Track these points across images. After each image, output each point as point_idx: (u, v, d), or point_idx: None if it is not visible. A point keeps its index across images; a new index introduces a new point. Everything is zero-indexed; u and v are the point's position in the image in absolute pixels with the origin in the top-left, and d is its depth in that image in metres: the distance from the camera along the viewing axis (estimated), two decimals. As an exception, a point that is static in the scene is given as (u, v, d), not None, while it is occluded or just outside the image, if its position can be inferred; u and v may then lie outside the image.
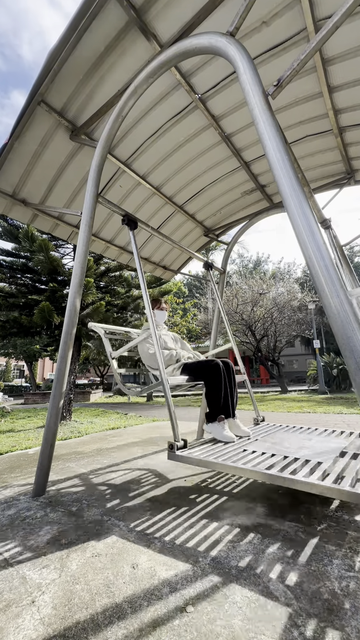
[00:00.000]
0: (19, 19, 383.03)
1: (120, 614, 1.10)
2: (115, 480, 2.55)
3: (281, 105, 2.74)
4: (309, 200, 1.37)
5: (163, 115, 2.73)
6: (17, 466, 3.11)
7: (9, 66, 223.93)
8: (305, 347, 27.01)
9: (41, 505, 2.09)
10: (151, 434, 4.73)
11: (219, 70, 2.40)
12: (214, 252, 28.69)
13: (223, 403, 2.51)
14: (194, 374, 2.58)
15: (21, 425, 6.42)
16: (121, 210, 2.65)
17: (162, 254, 4.59)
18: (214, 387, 2.51)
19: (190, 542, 1.54)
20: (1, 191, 2.93)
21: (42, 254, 6.29)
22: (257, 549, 1.45)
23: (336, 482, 1.48)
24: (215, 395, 2.50)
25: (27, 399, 15.12)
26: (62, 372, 2.33)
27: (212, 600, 1.15)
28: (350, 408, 7.19)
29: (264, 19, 2.04)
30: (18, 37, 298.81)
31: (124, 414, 7.98)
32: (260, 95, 1.48)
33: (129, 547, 1.52)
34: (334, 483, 1.45)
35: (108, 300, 7.89)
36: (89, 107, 2.51)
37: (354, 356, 1.19)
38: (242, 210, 4.14)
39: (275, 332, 15.77)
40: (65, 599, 1.19)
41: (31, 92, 2.25)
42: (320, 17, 2.02)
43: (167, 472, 2.70)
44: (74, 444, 4.17)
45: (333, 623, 1.02)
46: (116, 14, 1.93)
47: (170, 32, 2.09)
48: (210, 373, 2.52)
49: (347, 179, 3.48)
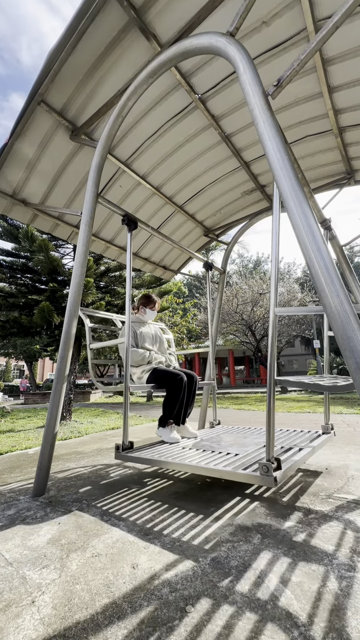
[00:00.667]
0: (18, 25, 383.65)
1: (120, 614, 1.10)
2: (115, 480, 2.55)
3: (281, 105, 2.74)
4: (309, 200, 1.37)
5: (163, 115, 2.73)
6: (17, 466, 3.11)
7: (9, 70, 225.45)
8: (305, 347, 27.02)
9: (41, 505, 2.09)
10: (151, 434, 4.73)
11: (219, 70, 2.40)
12: (214, 252, 28.71)
13: (176, 413, 2.74)
14: (160, 381, 2.73)
15: (21, 425, 6.42)
16: (121, 210, 2.66)
17: (162, 254, 4.59)
18: (172, 398, 2.71)
19: (190, 542, 1.54)
20: (1, 191, 2.93)
21: (42, 254, 6.29)
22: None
23: (240, 468, 1.77)
24: (172, 405, 2.72)
25: (27, 399, 15.13)
26: (62, 372, 2.33)
27: (211, 600, 1.15)
28: (350, 408, 7.19)
29: (264, 19, 2.04)
30: (17, 42, 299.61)
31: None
32: (260, 95, 1.49)
33: (129, 547, 1.52)
34: (238, 469, 1.75)
35: (108, 300, 7.89)
36: (89, 107, 2.51)
37: (354, 356, 1.19)
38: (242, 210, 4.15)
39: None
40: (65, 599, 1.19)
41: (31, 92, 2.25)
42: (320, 17, 2.02)
43: (168, 472, 2.70)
44: (74, 444, 4.17)
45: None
46: (116, 14, 1.93)
47: (170, 32, 2.09)
48: (173, 385, 2.69)
49: (347, 179, 3.48)
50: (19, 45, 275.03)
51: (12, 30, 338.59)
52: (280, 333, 16.29)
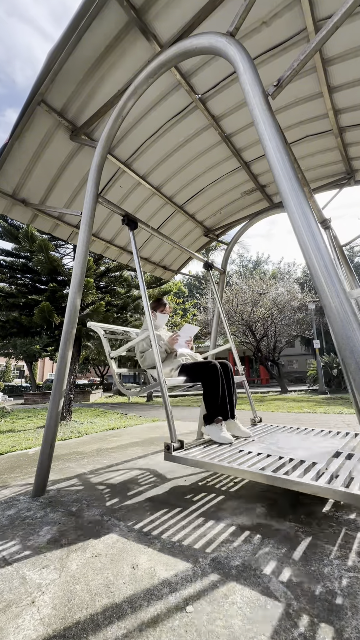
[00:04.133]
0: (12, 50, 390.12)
1: (120, 614, 1.10)
2: (115, 480, 2.55)
3: (281, 106, 2.74)
4: (309, 200, 1.37)
5: (163, 116, 2.73)
6: (17, 466, 3.11)
7: (4, 90, 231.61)
8: (305, 347, 27.00)
9: (41, 505, 2.09)
10: (151, 434, 4.73)
11: (219, 70, 2.40)
12: (214, 252, 28.69)
13: (221, 404, 2.49)
14: (192, 375, 2.56)
15: (21, 425, 6.41)
16: (121, 210, 2.65)
17: (162, 254, 4.59)
18: (211, 388, 2.49)
19: (190, 542, 1.53)
20: (1, 191, 2.93)
21: (42, 254, 6.29)
22: (255, 549, 1.45)
23: (330, 482, 1.48)
24: (213, 397, 2.48)
25: (27, 399, 15.12)
26: (62, 372, 2.33)
27: (211, 600, 1.14)
28: (350, 408, 7.19)
29: (264, 19, 2.04)
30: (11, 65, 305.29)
31: (124, 414, 7.98)
32: (260, 96, 1.48)
33: (129, 547, 1.52)
34: (327, 483, 1.45)
35: (108, 300, 7.89)
36: (89, 107, 2.51)
37: (354, 356, 1.19)
38: (242, 210, 4.14)
39: (275, 332, 15.76)
40: (65, 599, 1.19)
41: (31, 92, 2.25)
42: (320, 17, 2.02)
43: (166, 472, 2.70)
44: (74, 444, 4.16)
45: (333, 623, 1.02)
46: (116, 14, 1.93)
47: (170, 32, 2.09)
48: (208, 374, 2.50)
49: (347, 179, 3.48)
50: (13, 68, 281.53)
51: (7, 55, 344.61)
52: (280, 333, 16.27)
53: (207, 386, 2.51)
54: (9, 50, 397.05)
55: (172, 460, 2.05)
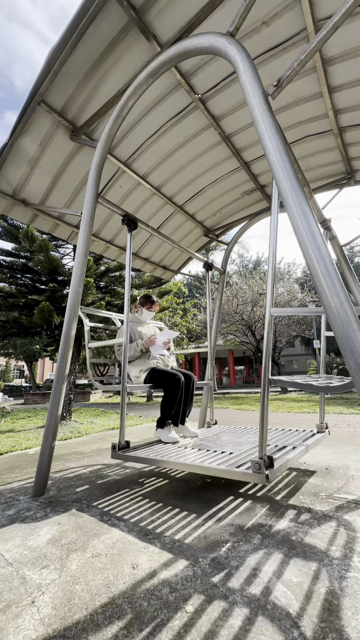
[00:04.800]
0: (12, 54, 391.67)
1: (120, 615, 1.10)
2: (115, 480, 2.55)
3: (281, 106, 2.74)
4: (309, 201, 1.37)
5: (163, 116, 2.73)
6: (17, 466, 3.11)
7: (4, 93, 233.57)
8: (305, 347, 27.02)
9: (41, 505, 2.09)
10: (150, 434, 4.72)
11: (219, 70, 2.40)
12: (214, 253, 28.70)
13: (174, 414, 2.73)
14: (157, 381, 2.72)
15: (21, 425, 6.41)
16: (121, 210, 2.66)
17: (162, 254, 4.59)
18: (170, 398, 2.68)
19: (190, 542, 1.53)
20: (1, 191, 2.93)
21: (42, 254, 6.29)
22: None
23: (234, 466, 1.78)
24: (169, 406, 2.69)
25: (27, 399, 15.11)
26: (62, 372, 2.33)
27: (211, 600, 1.15)
28: (350, 408, 7.19)
29: (264, 19, 2.04)
30: (11, 69, 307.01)
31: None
32: (260, 96, 1.49)
33: (129, 547, 1.52)
34: (232, 467, 1.77)
35: (108, 300, 7.88)
36: (89, 107, 2.51)
37: (354, 356, 1.19)
38: (242, 210, 4.14)
39: (275, 332, 15.78)
40: (65, 599, 1.19)
41: (31, 92, 2.25)
42: (320, 17, 2.02)
43: (166, 472, 2.70)
44: (74, 444, 4.16)
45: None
46: (116, 15, 1.93)
47: (170, 32, 2.09)
48: (171, 385, 2.66)
49: (347, 179, 3.48)
50: (13, 72, 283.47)
51: (6, 59, 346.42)
52: (280, 333, 16.29)
53: (167, 395, 2.70)
54: (9, 55, 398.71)
55: (117, 458, 2.32)
